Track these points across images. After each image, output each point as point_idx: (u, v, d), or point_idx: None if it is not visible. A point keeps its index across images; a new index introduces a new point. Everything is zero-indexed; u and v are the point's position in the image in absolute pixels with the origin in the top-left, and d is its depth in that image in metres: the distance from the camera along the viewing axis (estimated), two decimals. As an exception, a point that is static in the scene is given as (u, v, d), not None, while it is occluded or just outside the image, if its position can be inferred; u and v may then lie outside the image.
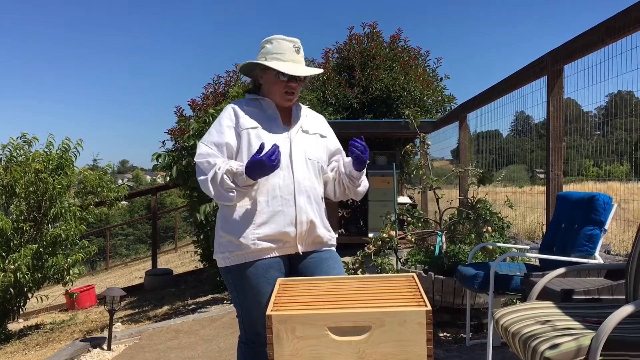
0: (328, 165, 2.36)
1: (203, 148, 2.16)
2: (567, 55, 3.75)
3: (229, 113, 2.21)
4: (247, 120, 2.18)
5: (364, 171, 2.26)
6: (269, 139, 2.14)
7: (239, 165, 2.06)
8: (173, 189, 10.58)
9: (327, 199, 2.37)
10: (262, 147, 2.00)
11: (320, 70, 2.35)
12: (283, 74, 2.16)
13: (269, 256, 2.14)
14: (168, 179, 6.39)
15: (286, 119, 2.26)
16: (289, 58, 2.18)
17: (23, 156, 7.08)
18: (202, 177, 2.12)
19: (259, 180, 2.07)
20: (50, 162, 7.00)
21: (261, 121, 2.20)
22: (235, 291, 2.21)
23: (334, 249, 2.32)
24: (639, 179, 4.88)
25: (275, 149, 1.99)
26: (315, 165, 2.23)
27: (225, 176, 2.04)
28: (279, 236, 2.13)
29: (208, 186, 2.09)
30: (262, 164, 1.98)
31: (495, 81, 5.24)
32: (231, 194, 2.07)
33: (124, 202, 8.25)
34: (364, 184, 2.32)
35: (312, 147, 2.24)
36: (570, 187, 4.69)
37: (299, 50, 2.22)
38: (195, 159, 2.17)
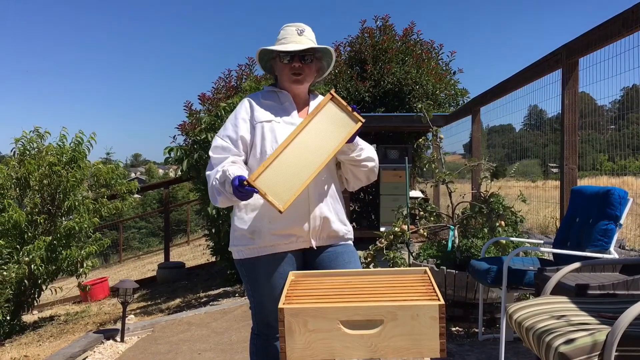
0: None
1: (218, 141, 2.18)
2: (582, 48, 3.70)
3: (245, 106, 2.22)
4: (262, 113, 2.18)
5: (359, 144, 2.16)
6: (283, 132, 2.13)
7: (233, 174, 1.97)
8: (185, 182, 10.61)
9: (344, 193, 2.34)
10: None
11: (323, 46, 2.23)
12: (284, 54, 2.16)
13: (281, 250, 2.15)
14: (180, 172, 6.43)
15: (303, 111, 2.25)
16: (290, 40, 2.19)
17: (36, 149, 7.14)
18: (207, 172, 2.16)
19: None
20: (64, 155, 7.05)
21: (277, 114, 2.19)
22: (248, 283, 2.23)
23: (350, 242, 2.30)
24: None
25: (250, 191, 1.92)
26: None
27: (219, 178, 2.03)
28: (292, 231, 2.13)
29: (209, 181, 2.12)
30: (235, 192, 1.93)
31: (508, 74, 5.20)
32: (218, 196, 2.06)
33: (136, 196, 8.28)
34: (366, 154, 2.19)
35: None
36: (584, 182, 4.64)
37: (301, 32, 2.21)
38: (209, 152, 2.19)
